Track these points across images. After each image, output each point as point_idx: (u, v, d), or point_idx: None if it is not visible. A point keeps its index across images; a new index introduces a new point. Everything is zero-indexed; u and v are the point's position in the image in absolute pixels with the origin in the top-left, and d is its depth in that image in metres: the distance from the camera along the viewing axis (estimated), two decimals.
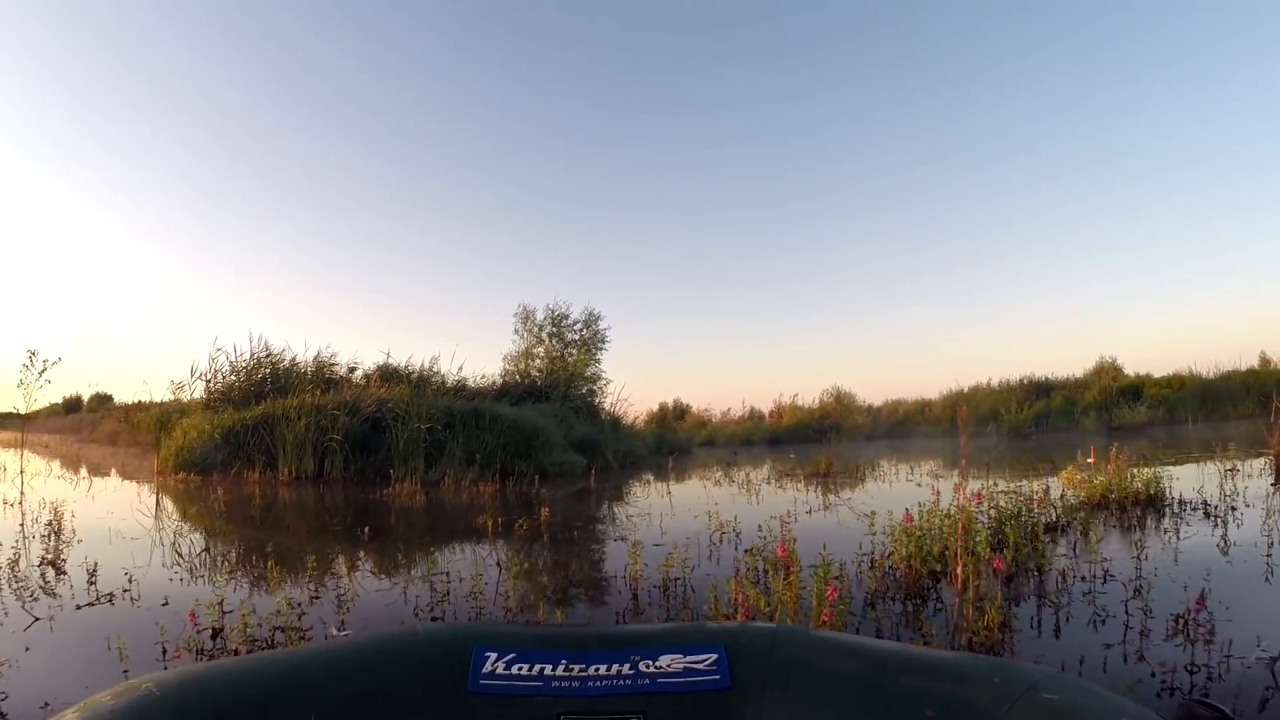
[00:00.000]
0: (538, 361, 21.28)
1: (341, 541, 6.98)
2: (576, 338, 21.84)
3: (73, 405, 40.77)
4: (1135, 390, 25.31)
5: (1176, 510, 6.90)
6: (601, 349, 21.91)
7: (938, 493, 5.73)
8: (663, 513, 8.13)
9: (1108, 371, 27.72)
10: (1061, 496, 7.37)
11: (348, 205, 36.39)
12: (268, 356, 17.92)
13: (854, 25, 33.51)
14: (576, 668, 1.48)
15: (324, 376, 17.80)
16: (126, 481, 13.49)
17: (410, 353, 21.46)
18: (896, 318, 40.72)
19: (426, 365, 18.67)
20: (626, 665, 1.49)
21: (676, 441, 24.07)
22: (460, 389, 18.69)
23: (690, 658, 1.48)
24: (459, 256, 37.84)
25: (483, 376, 19.97)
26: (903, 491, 9.69)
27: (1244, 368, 25.50)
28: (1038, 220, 37.49)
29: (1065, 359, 39.47)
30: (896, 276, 40.22)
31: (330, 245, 36.82)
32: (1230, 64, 31.27)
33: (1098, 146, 35.25)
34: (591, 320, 22.09)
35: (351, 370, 18.74)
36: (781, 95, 36.19)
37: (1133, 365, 27.78)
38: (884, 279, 40.41)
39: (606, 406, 20.40)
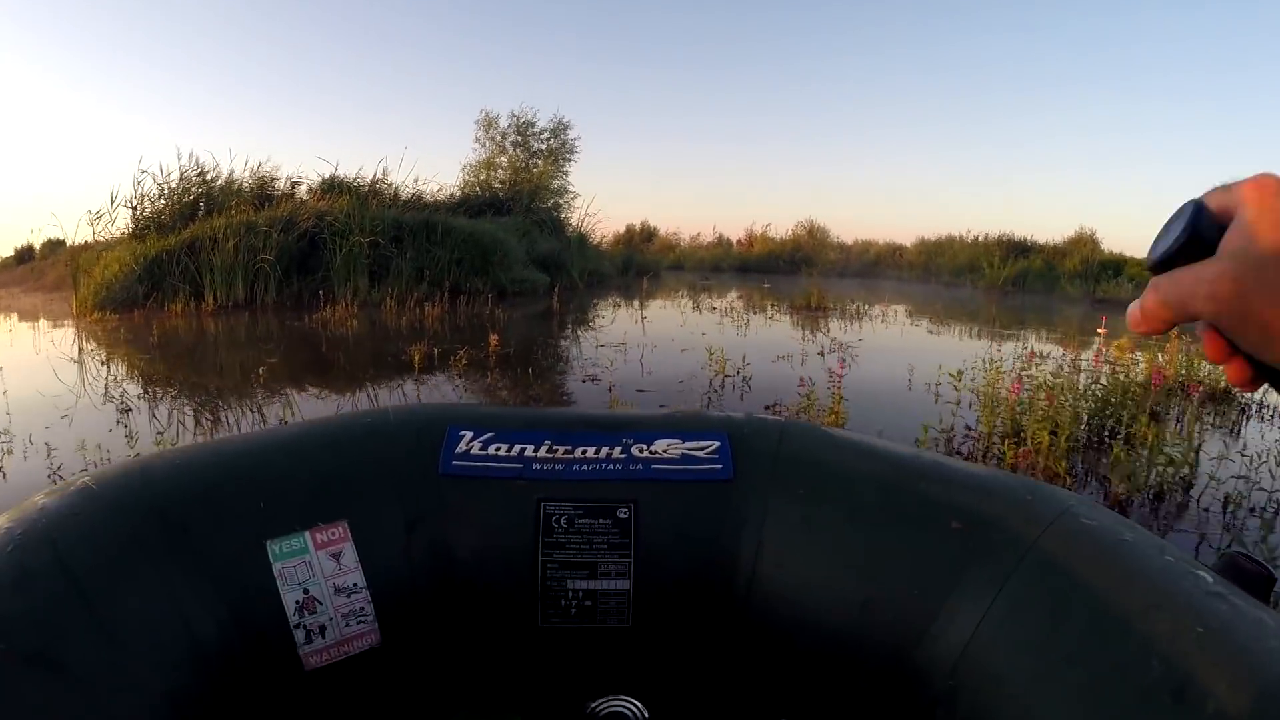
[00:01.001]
0: (500, 173, 19.04)
1: (224, 384, 5.30)
2: (543, 147, 19.51)
3: (24, 255, 36.91)
4: (1116, 266, 23.89)
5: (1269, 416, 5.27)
6: (570, 160, 19.66)
7: (1033, 353, 4.16)
8: (641, 345, 6.52)
9: (1086, 243, 26.25)
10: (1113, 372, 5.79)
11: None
12: (199, 175, 15.34)
13: None
14: (561, 449, 1.24)
15: (264, 193, 15.43)
16: (34, 327, 11.32)
17: (361, 164, 18.71)
18: (873, 158, 38.70)
19: (377, 176, 16.14)
20: (618, 449, 1.24)
21: (645, 264, 22.43)
22: (414, 202, 16.41)
23: (690, 444, 1.24)
24: (420, 56, 34.38)
25: (439, 188, 17.71)
26: (918, 339, 8.20)
27: None
28: (1028, 82, 35.02)
29: (1041, 224, 37.67)
30: (877, 118, 37.79)
31: (271, 44, 32.88)
32: None
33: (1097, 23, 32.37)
34: (560, 129, 19.70)
35: (294, 185, 16.21)
36: None
37: (1108, 244, 26.34)
38: (864, 119, 38.01)
39: (573, 222, 18.38)
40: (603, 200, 36.71)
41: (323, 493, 1.14)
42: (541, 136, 19.56)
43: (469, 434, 1.26)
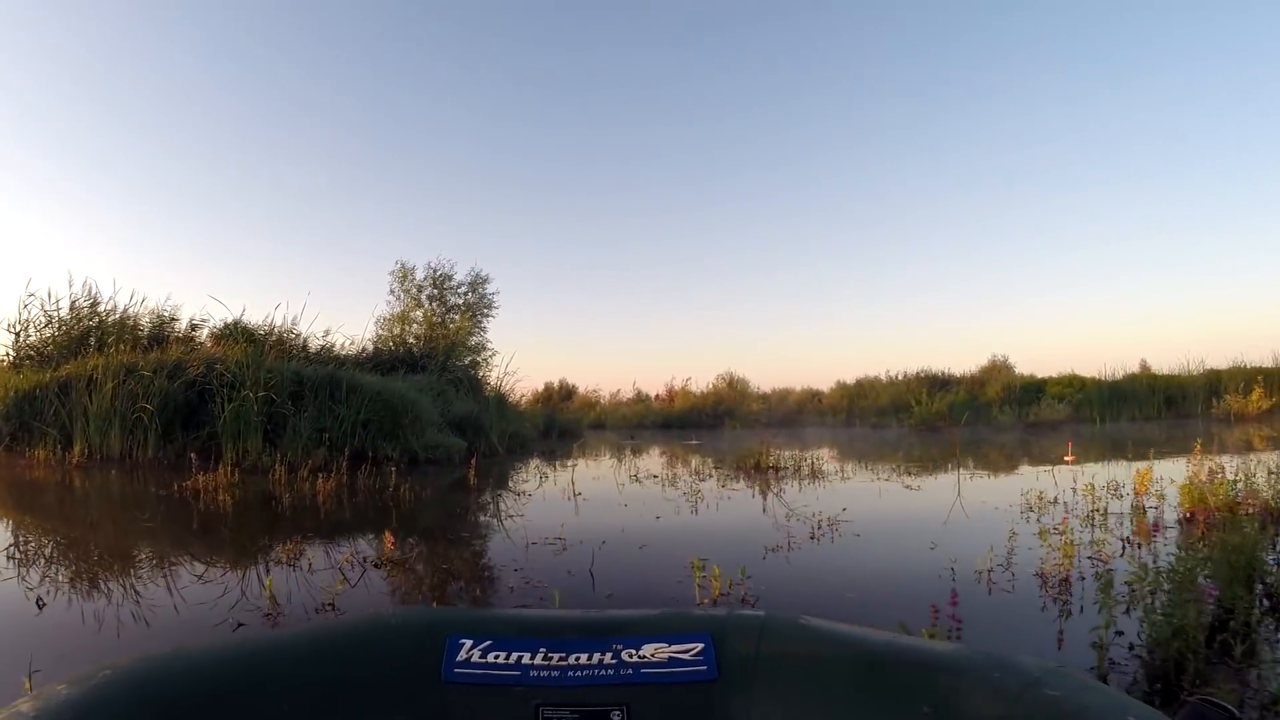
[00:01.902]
0: (415, 327, 17.67)
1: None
2: (460, 301, 18.30)
3: None
4: (1037, 388, 23.88)
5: None
6: (489, 315, 18.46)
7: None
8: (584, 539, 4.99)
9: (1001, 369, 26.48)
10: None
11: (216, 149, 31.13)
12: (92, 306, 13.67)
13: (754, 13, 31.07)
14: (556, 656, 1.25)
15: (161, 334, 13.83)
16: None
17: (267, 312, 16.97)
18: (781, 309, 38.90)
19: (285, 325, 14.64)
20: (609, 654, 1.26)
21: (566, 423, 21.07)
22: (323, 354, 14.82)
23: (675, 647, 1.26)
24: (329, 222, 33.36)
25: (351, 342, 16.19)
26: (900, 499, 6.91)
27: (1123, 373, 24.53)
28: (924, 218, 36.18)
29: (950, 358, 37.92)
30: (785, 268, 38.26)
31: (175, 178, 31.34)
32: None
33: (985, 150, 34.03)
34: (478, 283, 18.59)
35: (194, 328, 14.59)
36: (680, 77, 33.50)
37: (1020, 368, 26.76)
38: (774, 270, 38.46)
39: (492, 381, 16.95)
40: (520, 358, 35.51)
41: (333, 697, 1.14)
42: (459, 290, 18.42)
43: (469, 642, 1.27)
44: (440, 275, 18.41)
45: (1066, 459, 9.71)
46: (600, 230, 36.51)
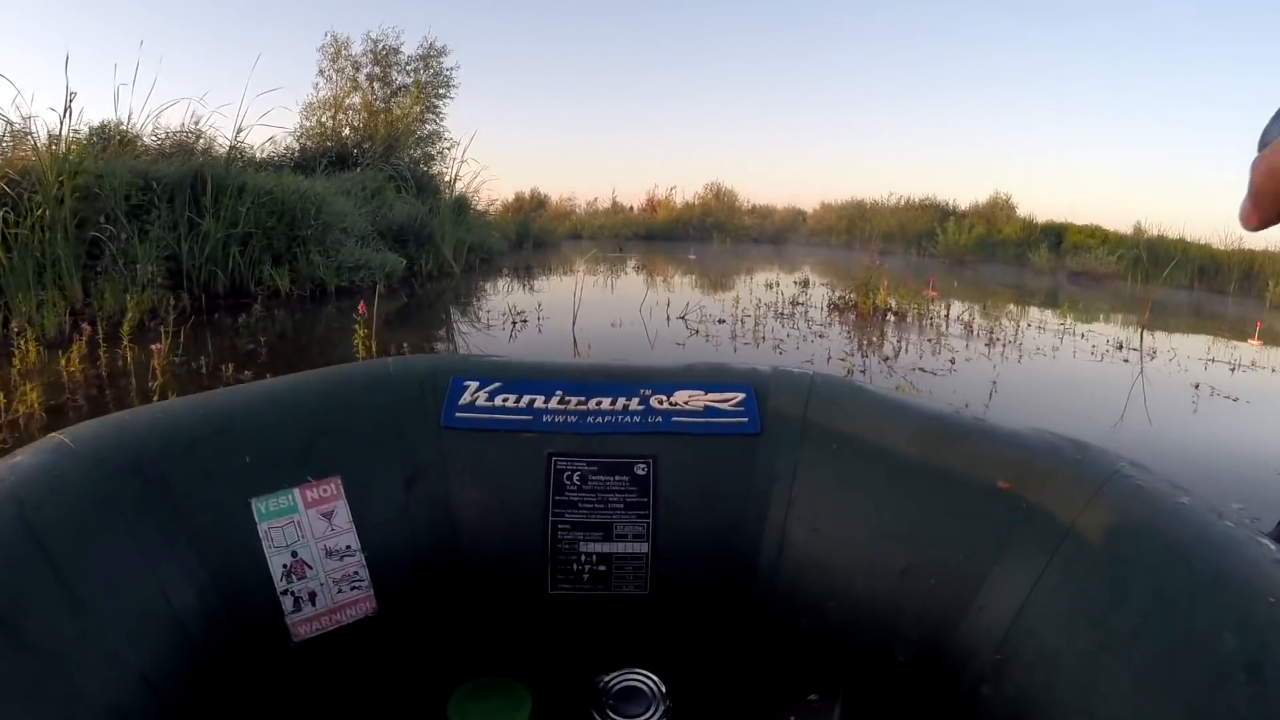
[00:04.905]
0: (351, 114, 12.88)
1: None
2: (409, 81, 13.38)
3: None
4: (1057, 233, 19.63)
5: None
6: (446, 97, 13.55)
7: None
8: None
9: (1003, 208, 22.10)
10: None
11: None
12: None
13: None
14: (574, 400, 1.02)
15: None
16: None
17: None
18: (760, 123, 33.95)
19: (188, 123, 8.99)
20: (635, 400, 1.02)
21: (540, 233, 16.91)
22: (236, 159, 9.85)
23: (713, 395, 1.02)
24: None
25: (271, 140, 11.06)
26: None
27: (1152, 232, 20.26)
28: (927, 43, 30.64)
29: (944, 189, 33.23)
30: (764, 83, 32.84)
31: None
32: None
33: None
34: (432, 55, 13.46)
35: (54, 139, 9.47)
36: None
37: (1021, 210, 22.27)
38: (761, 79, 33.08)
39: (448, 179, 12.43)
40: (485, 162, 30.40)
41: (314, 447, 0.93)
42: (408, 67, 13.41)
43: (474, 384, 1.03)
44: (384, 49, 13.33)
45: (1253, 342, 6.85)
46: (573, 28, 30.70)
